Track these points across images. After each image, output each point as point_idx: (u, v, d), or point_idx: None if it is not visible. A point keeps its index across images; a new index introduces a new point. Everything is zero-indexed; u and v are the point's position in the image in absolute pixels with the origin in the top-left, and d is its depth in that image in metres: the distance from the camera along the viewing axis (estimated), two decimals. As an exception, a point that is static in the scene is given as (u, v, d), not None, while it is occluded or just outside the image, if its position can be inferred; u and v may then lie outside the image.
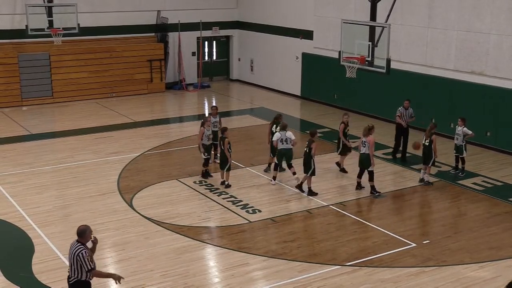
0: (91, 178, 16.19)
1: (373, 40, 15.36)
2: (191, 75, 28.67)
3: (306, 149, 14.86)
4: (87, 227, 8.75)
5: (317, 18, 24.68)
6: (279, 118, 16.67)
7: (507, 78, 18.13)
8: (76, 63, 25.49)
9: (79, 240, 8.62)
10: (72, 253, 8.53)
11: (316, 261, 11.65)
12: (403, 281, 10.91)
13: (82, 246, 8.54)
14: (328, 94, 24.61)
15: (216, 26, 29.09)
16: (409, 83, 20.99)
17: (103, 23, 26.39)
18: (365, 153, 14.83)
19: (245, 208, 14.19)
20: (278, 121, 16.52)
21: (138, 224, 13.29)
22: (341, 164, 16.73)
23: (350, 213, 13.95)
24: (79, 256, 8.45)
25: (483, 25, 18.62)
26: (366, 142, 14.77)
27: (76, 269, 8.53)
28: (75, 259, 8.49)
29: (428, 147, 15.53)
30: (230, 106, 25.62)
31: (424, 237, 12.72)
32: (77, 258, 8.46)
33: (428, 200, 15.02)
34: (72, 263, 8.56)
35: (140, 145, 19.19)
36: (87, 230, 8.68)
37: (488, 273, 11.20)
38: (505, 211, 14.13)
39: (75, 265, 8.52)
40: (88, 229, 8.71)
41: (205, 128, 15.89)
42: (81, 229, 8.68)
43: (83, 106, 24.68)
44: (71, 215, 13.80)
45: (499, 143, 18.53)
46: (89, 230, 8.71)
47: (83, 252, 8.46)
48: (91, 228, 8.79)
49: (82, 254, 8.45)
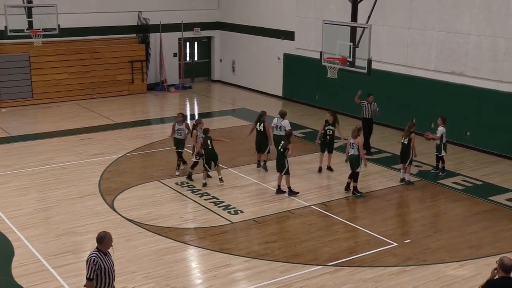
0: (73, 180, 16.09)
1: (354, 40, 15.42)
2: (172, 76, 28.59)
3: (281, 149, 14.88)
4: (106, 233, 8.42)
5: (299, 19, 24.75)
6: (263, 115, 16.80)
7: (486, 79, 18.31)
8: (56, 64, 25.32)
9: (97, 246, 8.36)
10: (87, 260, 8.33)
11: (298, 261, 11.68)
12: (384, 280, 10.97)
13: (96, 252, 8.28)
14: (310, 95, 24.69)
15: (198, 27, 29.06)
16: (390, 83, 21.12)
17: (84, 24, 26.25)
18: (353, 154, 14.86)
19: (227, 209, 14.19)
20: (262, 118, 16.72)
21: (119, 226, 13.23)
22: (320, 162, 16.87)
23: (332, 213, 14.00)
24: (87, 261, 8.24)
25: (462, 26, 18.79)
26: (354, 144, 14.82)
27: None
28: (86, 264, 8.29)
29: (407, 146, 15.66)
30: (211, 107, 25.61)
31: (405, 237, 12.81)
32: (86, 263, 8.26)
33: (409, 199, 15.13)
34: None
35: (122, 146, 19.11)
36: (105, 236, 8.35)
37: (468, 271, 11.31)
38: (485, 210, 14.27)
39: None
40: (107, 236, 8.38)
41: (198, 130, 15.87)
42: (100, 235, 8.38)
43: (64, 107, 24.52)
44: (52, 217, 13.70)
45: (479, 142, 18.71)
46: (108, 237, 8.38)
47: (91, 259, 8.23)
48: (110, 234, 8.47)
49: (89, 260, 8.23)
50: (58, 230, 12.98)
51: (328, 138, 16.73)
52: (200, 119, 16.60)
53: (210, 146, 15.45)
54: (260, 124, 16.73)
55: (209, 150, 15.47)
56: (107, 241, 8.35)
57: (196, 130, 15.95)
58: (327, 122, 16.72)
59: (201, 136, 15.59)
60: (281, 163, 14.90)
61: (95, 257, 8.25)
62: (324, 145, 16.80)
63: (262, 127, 16.72)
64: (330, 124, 16.71)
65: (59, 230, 12.95)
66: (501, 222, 13.55)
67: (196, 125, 16.06)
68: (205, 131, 15.57)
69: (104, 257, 8.33)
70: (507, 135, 17.92)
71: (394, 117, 21.03)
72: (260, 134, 16.82)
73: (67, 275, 11.03)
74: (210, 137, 15.50)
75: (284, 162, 14.84)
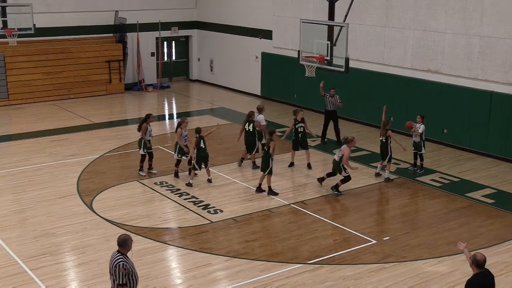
0: (49, 181, 15.94)
1: (332, 39, 15.47)
2: (150, 76, 28.48)
3: (266, 148, 14.93)
4: (127, 236, 8.25)
5: (276, 18, 24.78)
6: (252, 115, 16.88)
7: (462, 76, 18.51)
8: (32, 64, 25.05)
9: (119, 250, 8.17)
10: (111, 264, 8.14)
11: (278, 260, 11.69)
12: (364, 277, 11.03)
13: (121, 257, 8.11)
14: (288, 94, 24.73)
15: (175, 26, 28.95)
16: (367, 82, 21.25)
17: (60, 23, 26.01)
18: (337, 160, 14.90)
19: (206, 208, 14.16)
20: (251, 118, 16.80)
21: (98, 226, 13.14)
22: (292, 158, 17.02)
23: (312, 211, 14.04)
24: (117, 268, 8.05)
25: (438, 25, 18.97)
26: (341, 151, 14.83)
27: (114, 278, 8.14)
28: (113, 270, 8.09)
29: (385, 144, 15.78)
30: (190, 107, 25.53)
31: (384, 234, 12.89)
32: (114, 269, 8.06)
33: (387, 197, 15.23)
34: (112, 274, 8.15)
35: (99, 146, 18.97)
36: (128, 239, 8.18)
37: (445, 267, 11.42)
38: (462, 206, 14.42)
39: (114, 276, 8.12)
40: (129, 239, 8.21)
41: (182, 129, 15.81)
42: (122, 238, 8.20)
43: (39, 108, 24.26)
44: (28, 219, 13.55)
45: (456, 139, 18.89)
46: (130, 239, 8.22)
47: (120, 264, 8.04)
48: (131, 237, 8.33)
49: (119, 267, 8.04)
50: (36, 232, 12.84)
51: (300, 136, 16.82)
52: (185, 118, 16.52)
53: (203, 146, 15.42)
54: (250, 124, 16.74)
55: (201, 150, 15.42)
56: (129, 244, 8.19)
57: (180, 128, 15.89)
58: (296, 120, 16.81)
59: (194, 136, 15.49)
60: (265, 162, 14.91)
61: (123, 261, 8.06)
62: (297, 143, 16.89)
63: (252, 127, 16.72)
64: (299, 121, 16.79)
65: (36, 232, 12.81)
66: (477, 218, 13.71)
67: (180, 124, 16.00)
68: (197, 131, 15.52)
69: (128, 260, 8.18)
70: (483, 132, 18.13)
71: (372, 115, 21.17)
72: (248, 134, 16.82)
73: (45, 277, 10.92)
74: (202, 137, 15.44)
75: (268, 162, 14.84)
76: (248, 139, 16.86)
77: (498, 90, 17.65)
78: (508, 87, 17.42)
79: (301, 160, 17.22)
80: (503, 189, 15.52)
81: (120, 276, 8.04)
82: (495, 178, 16.33)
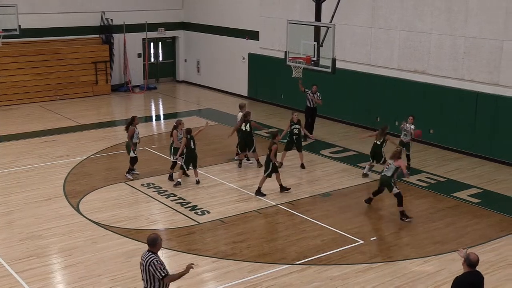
0: (36, 183, 15.85)
1: (319, 40, 15.54)
2: (137, 77, 28.38)
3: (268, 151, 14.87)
4: (157, 235, 8.26)
5: (263, 19, 24.80)
6: (248, 115, 16.98)
7: (448, 77, 18.63)
8: (18, 65, 24.88)
9: (150, 249, 8.18)
10: (144, 264, 8.13)
11: (265, 260, 11.71)
12: (351, 277, 11.07)
13: (153, 255, 8.13)
14: (275, 94, 24.76)
15: (162, 27, 28.88)
16: (354, 82, 21.32)
17: (46, 24, 25.86)
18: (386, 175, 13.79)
19: (193, 209, 14.15)
20: (247, 118, 16.90)
21: (85, 228, 13.08)
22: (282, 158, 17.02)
23: (299, 212, 14.07)
24: (152, 265, 8.05)
25: (424, 25, 19.08)
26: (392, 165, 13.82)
27: (150, 279, 8.14)
28: (147, 269, 8.09)
29: (380, 147, 15.89)
30: (177, 108, 25.49)
31: (371, 234, 12.94)
32: (149, 268, 8.07)
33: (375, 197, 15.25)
34: (145, 274, 8.16)
35: (87, 148, 18.89)
36: (158, 238, 8.20)
37: (432, 267, 11.48)
38: (448, 206, 14.51)
39: (148, 275, 8.13)
40: (159, 238, 8.23)
41: (178, 131, 15.77)
42: (152, 238, 8.21)
43: (26, 109, 24.11)
44: (15, 221, 13.47)
45: (442, 140, 19.01)
46: (160, 239, 8.24)
47: (154, 261, 8.06)
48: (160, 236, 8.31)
49: (154, 263, 8.05)
50: (22, 234, 12.77)
51: (295, 138, 16.88)
52: (181, 120, 16.39)
53: (193, 146, 15.42)
54: (246, 124, 16.81)
55: (191, 150, 15.42)
56: (159, 243, 8.23)
57: (176, 130, 15.81)
58: (292, 121, 16.85)
59: (185, 137, 15.49)
60: (266, 164, 14.91)
61: (155, 258, 8.10)
62: (290, 144, 16.95)
63: (249, 126, 16.81)
64: (295, 123, 16.84)
65: (22, 234, 12.74)
66: (464, 218, 13.81)
67: (176, 126, 15.92)
68: (188, 131, 15.52)
69: (159, 258, 8.21)
70: (469, 132, 18.25)
71: (358, 115, 21.27)
72: (245, 134, 16.86)
73: (32, 280, 10.87)
74: (192, 137, 15.48)
75: (268, 165, 14.82)
76: (245, 139, 16.89)
77: (484, 90, 17.78)
78: (494, 87, 17.56)
79: (290, 160, 17.25)
80: (489, 188, 15.64)
81: (159, 270, 8.05)
82: (481, 178, 16.45)
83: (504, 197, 15.11)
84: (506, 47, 17.09)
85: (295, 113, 17.18)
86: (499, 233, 13.00)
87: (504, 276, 11.15)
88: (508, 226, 13.38)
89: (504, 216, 13.89)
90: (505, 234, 12.92)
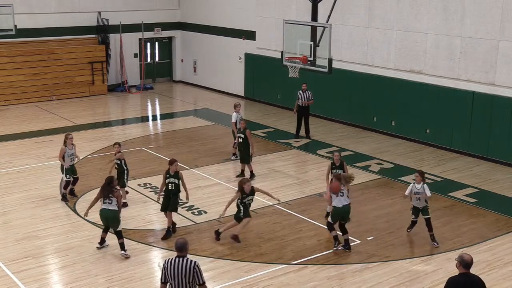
0: (32, 183, 15.82)
1: (315, 40, 15.53)
2: (133, 77, 28.36)
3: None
4: (185, 240, 7.93)
5: (260, 19, 24.80)
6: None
7: (444, 77, 18.65)
8: (14, 65, 24.84)
9: (180, 254, 7.81)
10: (184, 270, 7.70)
11: (262, 260, 11.71)
12: (348, 277, 11.08)
13: (190, 259, 7.78)
14: (272, 94, 24.77)
15: (158, 27, 28.86)
16: (350, 82, 21.33)
17: (42, 24, 25.83)
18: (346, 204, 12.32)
19: (190, 209, 14.14)
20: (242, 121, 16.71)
21: (81, 228, 13.06)
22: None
23: (296, 212, 14.07)
24: (196, 268, 7.70)
25: (420, 25, 19.10)
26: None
27: (186, 285, 7.72)
28: (191, 274, 7.69)
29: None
30: (173, 108, 25.48)
31: (368, 234, 12.95)
32: (194, 272, 7.69)
33: (371, 197, 15.28)
34: (184, 280, 7.72)
35: (83, 148, 18.82)
36: (186, 243, 7.88)
37: (429, 266, 11.50)
38: (445, 205, 14.53)
39: (188, 280, 7.70)
40: (187, 242, 7.91)
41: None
42: (181, 242, 7.86)
43: (22, 109, 24.07)
44: (11, 221, 13.44)
45: (438, 139, 19.03)
46: (187, 243, 7.92)
47: (198, 264, 7.76)
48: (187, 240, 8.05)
49: (199, 267, 7.75)
50: (18, 234, 12.74)
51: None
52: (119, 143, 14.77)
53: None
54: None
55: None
56: (187, 247, 7.95)
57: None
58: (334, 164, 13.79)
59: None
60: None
61: (196, 262, 7.80)
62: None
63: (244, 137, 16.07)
64: (336, 167, 13.76)
65: (19, 235, 12.71)
66: (460, 218, 13.83)
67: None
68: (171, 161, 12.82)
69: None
70: (465, 132, 18.28)
71: (355, 115, 21.28)
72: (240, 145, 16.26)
73: (28, 280, 10.84)
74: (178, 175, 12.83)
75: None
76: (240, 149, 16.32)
77: (480, 90, 17.81)
78: (489, 87, 17.59)
79: (285, 160, 17.25)
80: (485, 188, 15.66)
81: (201, 275, 7.77)
82: (477, 177, 16.47)
83: (500, 197, 15.14)
84: (502, 47, 17.12)
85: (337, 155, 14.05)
86: (495, 232, 13.02)
87: (500, 276, 11.16)
88: (504, 225, 13.41)
89: (500, 216, 13.91)
90: (501, 234, 12.94)
